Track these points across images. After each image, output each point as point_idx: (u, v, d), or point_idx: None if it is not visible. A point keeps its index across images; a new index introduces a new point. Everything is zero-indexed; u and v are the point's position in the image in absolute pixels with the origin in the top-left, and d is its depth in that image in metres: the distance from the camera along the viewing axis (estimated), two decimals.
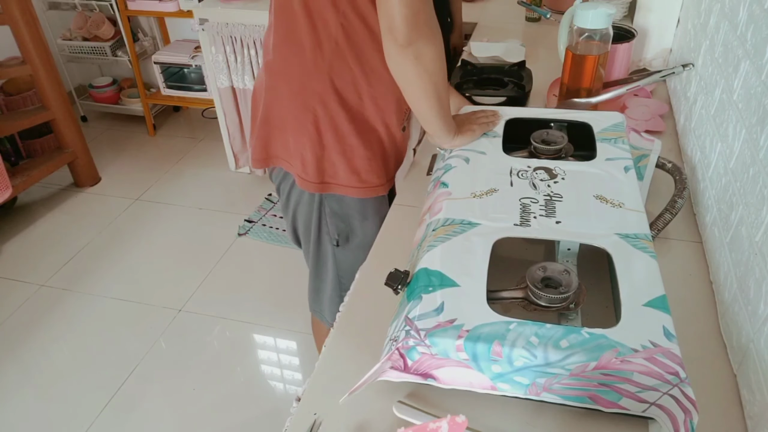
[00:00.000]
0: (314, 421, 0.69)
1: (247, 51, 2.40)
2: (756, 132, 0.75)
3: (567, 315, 0.73)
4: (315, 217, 1.12)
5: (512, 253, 0.87)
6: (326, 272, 1.19)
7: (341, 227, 1.12)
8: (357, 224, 1.12)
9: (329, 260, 1.17)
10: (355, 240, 1.14)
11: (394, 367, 0.68)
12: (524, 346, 0.62)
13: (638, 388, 0.60)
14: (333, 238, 1.13)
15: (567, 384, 0.62)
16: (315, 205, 1.10)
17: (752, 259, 0.71)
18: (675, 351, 0.60)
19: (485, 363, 0.64)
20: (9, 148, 2.59)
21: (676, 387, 0.59)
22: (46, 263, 2.31)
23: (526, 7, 1.83)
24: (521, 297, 0.73)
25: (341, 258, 1.15)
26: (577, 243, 0.79)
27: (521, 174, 0.88)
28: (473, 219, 0.80)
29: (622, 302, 0.66)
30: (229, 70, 2.50)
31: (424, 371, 0.67)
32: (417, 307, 0.68)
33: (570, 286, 0.70)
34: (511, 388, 0.65)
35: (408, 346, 0.65)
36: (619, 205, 0.80)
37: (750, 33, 0.82)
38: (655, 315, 0.64)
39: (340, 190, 1.08)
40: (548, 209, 0.80)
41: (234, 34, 2.38)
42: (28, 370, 1.88)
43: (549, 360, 0.61)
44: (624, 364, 0.60)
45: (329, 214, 1.11)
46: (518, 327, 0.64)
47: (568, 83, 1.22)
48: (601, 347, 0.61)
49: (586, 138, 0.96)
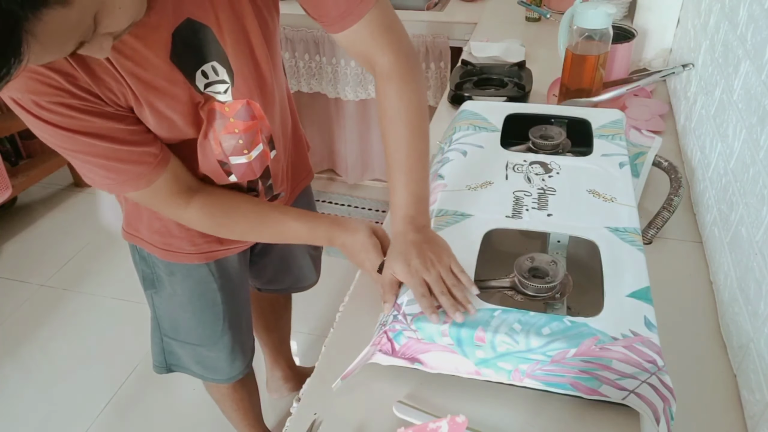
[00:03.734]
0: (314, 421, 0.69)
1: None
2: (756, 132, 0.75)
3: (553, 305, 0.74)
4: (131, 253, 1.05)
5: (509, 246, 0.88)
6: (151, 311, 1.11)
7: (147, 272, 1.04)
8: (164, 276, 1.02)
9: (150, 299, 1.09)
10: (164, 291, 1.04)
11: (383, 351, 0.70)
12: (507, 332, 0.64)
13: (617, 376, 0.62)
14: (142, 278, 1.06)
15: (549, 370, 0.64)
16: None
17: (752, 259, 0.71)
18: (654, 340, 0.62)
19: (469, 348, 0.65)
20: (9, 148, 2.59)
21: (654, 375, 0.60)
22: (46, 263, 2.31)
23: (526, 7, 1.83)
24: (509, 286, 0.75)
25: (156, 303, 1.07)
26: (567, 235, 0.81)
27: (517, 168, 0.89)
28: (466, 210, 0.81)
29: (605, 292, 0.67)
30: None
31: (411, 355, 0.69)
32: (405, 294, 0.70)
33: (556, 277, 0.72)
34: (495, 373, 0.67)
35: (395, 330, 0.67)
36: (611, 199, 0.81)
37: (750, 33, 0.82)
38: (637, 305, 0.66)
39: (142, 244, 0.99)
40: (541, 202, 0.81)
41: None
42: (28, 370, 1.88)
43: (530, 346, 0.63)
44: (603, 351, 0.61)
45: (139, 255, 1.03)
46: (502, 314, 0.66)
47: (568, 83, 1.22)
48: (581, 335, 0.62)
49: (585, 134, 0.97)
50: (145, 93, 0.71)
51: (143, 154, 0.74)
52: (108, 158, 0.72)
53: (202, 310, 1.06)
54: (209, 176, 0.86)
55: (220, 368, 1.15)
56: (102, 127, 0.70)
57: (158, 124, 0.75)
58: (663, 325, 0.78)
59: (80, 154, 0.72)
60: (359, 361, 0.70)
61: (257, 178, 0.90)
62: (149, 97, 0.71)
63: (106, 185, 0.76)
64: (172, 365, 1.16)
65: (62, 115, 0.67)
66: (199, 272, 1.02)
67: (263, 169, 0.90)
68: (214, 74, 0.75)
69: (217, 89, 0.76)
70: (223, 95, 0.77)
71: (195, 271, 1.01)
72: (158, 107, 0.73)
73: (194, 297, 1.05)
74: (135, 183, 0.76)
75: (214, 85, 0.76)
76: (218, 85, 0.76)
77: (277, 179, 0.95)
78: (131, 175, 0.75)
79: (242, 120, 0.81)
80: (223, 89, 0.77)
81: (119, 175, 0.75)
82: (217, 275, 1.03)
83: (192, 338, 1.10)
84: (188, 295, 1.04)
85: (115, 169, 0.74)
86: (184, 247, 0.97)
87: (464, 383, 0.70)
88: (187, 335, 1.10)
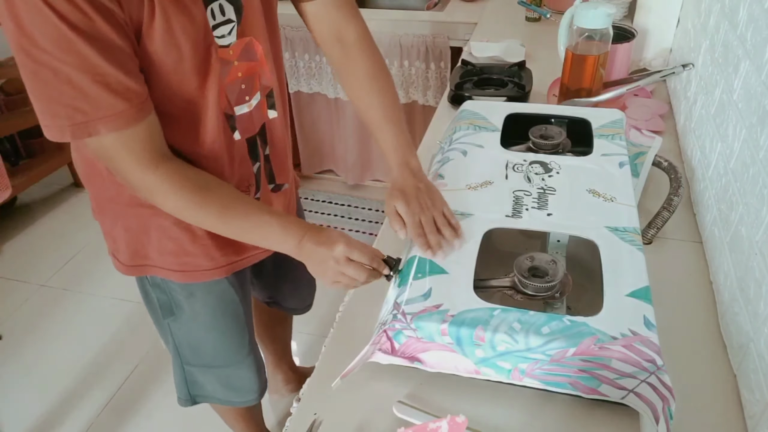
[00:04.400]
0: (314, 421, 0.69)
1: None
2: (756, 132, 0.75)
3: (553, 304, 0.74)
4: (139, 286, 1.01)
5: (509, 245, 0.88)
6: (168, 342, 1.07)
7: (163, 299, 0.99)
8: (182, 299, 0.98)
9: (166, 329, 1.04)
10: (183, 316, 1.00)
11: (382, 350, 0.70)
12: (506, 331, 0.64)
13: (617, 375, 0.62)
14: (158, 307, 1.01)
15: (548, 370, 0.64)
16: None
17: (752, 259, 0.71)
18: (653, 340, 0.62)
19: (469, 347, 0.65)
20: (9, 148, 2.59)
21: (653, 374, 0.60)
22: (46, 263, 2.31)
23: (526, 7, 1.83)
24: (509, 286, 0.75)
25: (175, 330, 1.03)
26: (567, 235, 0.81)
27: (517, 167, 0.89)
28: (466, 210, 0.82)
29: (605, 292, 0.67)
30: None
31: (411, 354, 0.69)
32: (405, 293, 0.70)
33: (556, 276, 0.72)
34: (495, 372, 0.67)
35: (395, 329, 0.67)
36: (611, 199, 0.81)
37: (750, 33, 0.82)
38: (637, 305, 0.66)
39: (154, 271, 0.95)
40: (540, 202, 0.82)
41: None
42: (28, 370, 1.88)
43: (530, 345, 0.63)
44: (602, 350, 0.61)
45: (151, 283, 0.98)
46: (502, 313, 0.66)
47: (568, 83, 1.22)
48: (581, 334, 0.62)
49: (585, 134, 0.97)
50: (167, 1, 0.68)
51: (129, 90, 0.68)
52: (94, 79, 0.65)
53: (227, 327, 1.03)
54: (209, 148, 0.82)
55: (248, 387, 1.13)
56: (104, 35, 0.64)
57: (165, 50, 0.70)
58: (663, 325, 0.78)
59: (67, 67, 0.64)
60: (359, 360, 0.70)
61: (255, 135, 0.88)
62: (169, 8, 0.68)
63: (73, 126, 0.67)
64: (197, 396, 1.13)
65: (74, 5, 0.61)
66: (220, 287, 0.98)
67: (261, 125, 0.89)
68: (221, 15, 0.76)
69: (221, 32, 0.77)
70: (227, 37, 0.78)
71: (215, 286, 0.98)
72: (173, 25, 0.69)
73: (218, 314, 1.01)
74: (111, 121, 0.68)
75: (219, 28, 0.76)
76: (223, 27, 0.77)
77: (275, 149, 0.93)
78: (109, 111, 0.67)
79: (245, 62, 0.81)
80: (228, 30, 0.77)
81: (96, 108, 0.67)
82: (237, 286, 1.01)
83: (217, 360, 1.07)
84: (211, 314, 1.00)
85: (95, 97, 0.66)
86: (201, 264, 0.92)
87: (464, 383, 0.70)
88: (212, 358, 1.07)
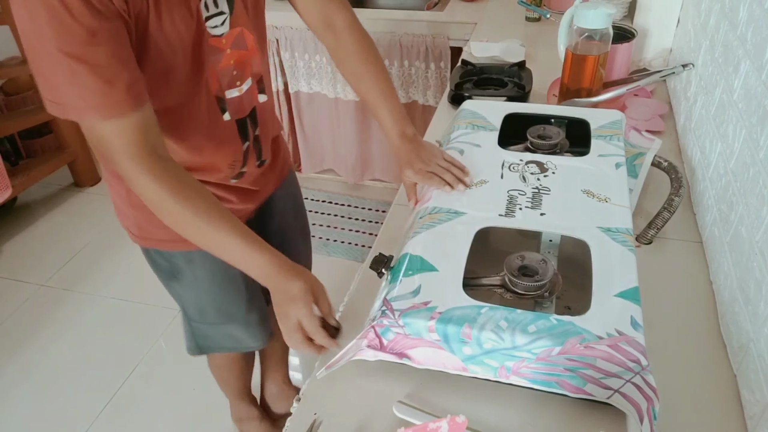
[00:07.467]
0: (314, 421, 0.69)
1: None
2: (756, 132, 0.75)
3: (542, 303, 0.74)
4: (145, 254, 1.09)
5: (505, 245, 0.88)
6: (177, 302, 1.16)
7: (165, 266, 1.07)
8: (183, 265, 1.06)
9: (173, 291, 1.13)
10: (185, 279, 1.08)
11: (371, 346, 0.70)
12: (493, 329, 0.64)
13: (602, 375, 0.62)
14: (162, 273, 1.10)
15: (534, 368, 0.64)
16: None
17: (752, 259, 0.71)
18: (639, 340, 0.62)
19: (456, 344, 0.66)
20: (9, 148, 2.59)
21: (638, 375, 0.61)
22: (46, 263, 2.31)
23: (526, 7, 1.83)
24: (499, 284, 0.75)
25: (180, 292, 1.12)
26: (559, 234, 0.81)
27: (513, 167, 0.89)
28: (459, 208, 0.82)
29: (593, 291, 0.67)
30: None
31: (399, 351, 0.69)
32: (395, 289, 0.70)
33: (545, 275, 0.72)
34: (482, 370, 0.67)
35: (383, 325, 0.68)
36: (605, 200, 0.81)
37: (750, 33, 0.82)
38: (624, 305, 0.66)
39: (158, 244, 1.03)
40: (534, 201, 0.82)
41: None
42: (28, 370, 1.88)
43: (516, 343, 0.63)
44: (587, 350, 0.61)
45: (154, 251, 1.06)
46: (489, 311, 0.66)
47: (568, 83, 1.22)
48: (566, 333, 0.63)
49: (584, 135, 0.97)
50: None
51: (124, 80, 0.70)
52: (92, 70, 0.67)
53: (226, 288, 1.11)
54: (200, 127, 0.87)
55: (252, 338, 1.20)
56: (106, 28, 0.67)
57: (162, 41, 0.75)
58: (663, 325, 0.78)
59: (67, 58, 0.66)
60: (346, 352, 0.70)
61: (246, 117, 0.93)
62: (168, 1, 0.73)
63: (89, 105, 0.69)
64: (204, 347, 1.23)
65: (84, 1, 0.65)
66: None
67: (251, 108, 0.94)
68: (214, 7, 0.81)
69: (214, 23, 0.82)
70: (220, 27, 0.82)
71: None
72: (171, 17, 0.75)
73: (217, 276, 1.07)
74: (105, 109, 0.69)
75: (212, 20, 0.81)
76: (215, 18, 0.82)
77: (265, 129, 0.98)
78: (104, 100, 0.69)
79: (237, 50, 0.86)
80: (220, 21, 0.82)
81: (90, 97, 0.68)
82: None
83: (220, 318, 1.15)
84: (210, 277, 1.07)
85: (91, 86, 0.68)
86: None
87: (464, 383, 0.70)
88: (215, 317, 1.15)
